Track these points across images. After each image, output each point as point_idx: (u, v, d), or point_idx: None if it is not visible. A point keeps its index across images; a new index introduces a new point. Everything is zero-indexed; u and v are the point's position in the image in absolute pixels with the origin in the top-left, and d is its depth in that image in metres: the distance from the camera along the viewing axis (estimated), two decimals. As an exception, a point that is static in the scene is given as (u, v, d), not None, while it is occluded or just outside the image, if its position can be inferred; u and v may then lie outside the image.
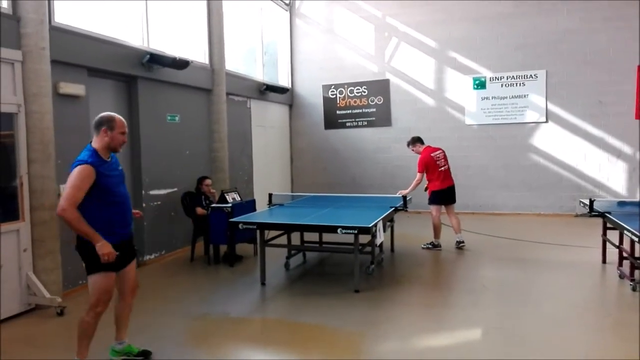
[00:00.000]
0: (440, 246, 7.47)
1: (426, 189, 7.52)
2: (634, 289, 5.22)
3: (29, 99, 5.02)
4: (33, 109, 5.03)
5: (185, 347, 4.22)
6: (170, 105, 7.65)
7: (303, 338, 4.29)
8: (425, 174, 7.41)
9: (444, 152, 7.59)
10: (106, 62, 6.27)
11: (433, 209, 7.46)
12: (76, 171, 3.32)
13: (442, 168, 7.42)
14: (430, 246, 7.50)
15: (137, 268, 6.78)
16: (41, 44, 5.06)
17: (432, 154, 7.43)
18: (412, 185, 7.38)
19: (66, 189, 3.31)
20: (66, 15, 5.76)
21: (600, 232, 6.43)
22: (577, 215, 9.94)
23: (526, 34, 10.30)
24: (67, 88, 5.60)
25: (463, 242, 7.41)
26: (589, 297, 5.32)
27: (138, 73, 6.84)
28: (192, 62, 7.65)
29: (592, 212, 5.94)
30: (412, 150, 7.69)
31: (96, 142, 3.48)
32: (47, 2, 5.24)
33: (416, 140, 7.65)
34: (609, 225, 5.94)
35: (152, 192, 7.15)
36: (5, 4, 5.02)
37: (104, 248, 3.31)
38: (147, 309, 5.09)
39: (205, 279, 6.31)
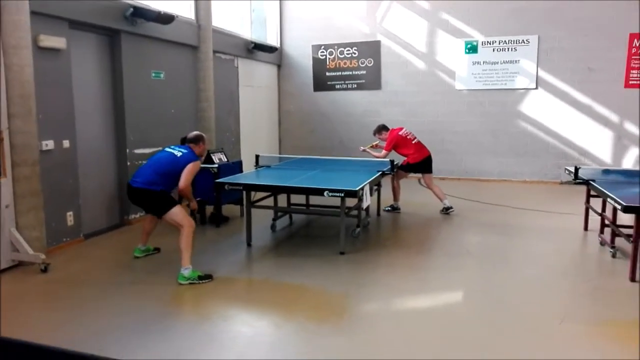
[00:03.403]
0: (399, 209, 7.59)
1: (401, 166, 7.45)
2: (613, 256, 5.33)
3: (7, 52, 4.84)
4: (12, 62, 4.86)
5: (171, 306, 4.24)
6: (155, 62, 7.44)
7: (288, 298, 4.33)
8: (398, 151, 7.39)
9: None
10: (88, 15, 6.04)
11: (399, 173, 7.47)
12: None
13: (415, 141, 7.42)
14: (390, 209, 7.61)
15: (124, 226, 6.80)
16: (19, -7, 4.85)
17: (399, 133, 7.41)
18: (373, 154, 7.42)
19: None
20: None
21: (584, 199, 6.52)
22: (562, 183, 10.04)
23: (520, -3, 10.13)
24: (48, 41, 5.40)
25: (451, 207, 7.40)
26: (569, 262, 5.43)
27: (121, 27, 6.61)
28: (177, 17, 7.42)
29: (576, 179, 5.99)
30: (379, 138, 7.59)
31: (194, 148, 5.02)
32: (24, -52, 4.98)
33: (382, 128, 7.56)
34: (592, 193, 6.00)
35: (137, 151, 7.03)
36: (-21, -51, 4.77)
37: None
38: (132, 267, 5.11)
39: (191, 239, 6.29)
